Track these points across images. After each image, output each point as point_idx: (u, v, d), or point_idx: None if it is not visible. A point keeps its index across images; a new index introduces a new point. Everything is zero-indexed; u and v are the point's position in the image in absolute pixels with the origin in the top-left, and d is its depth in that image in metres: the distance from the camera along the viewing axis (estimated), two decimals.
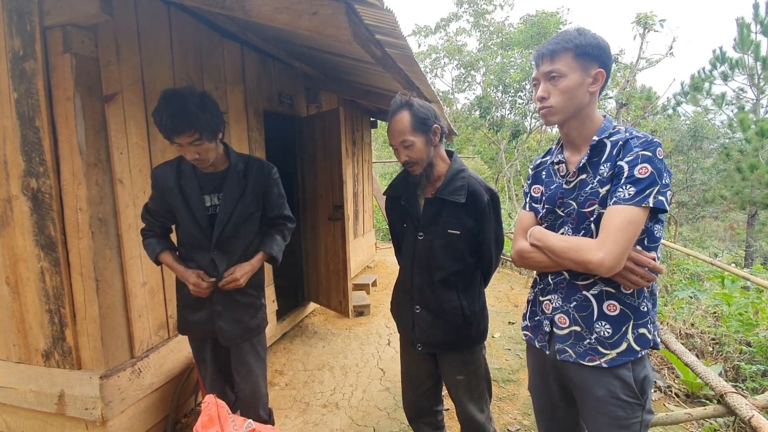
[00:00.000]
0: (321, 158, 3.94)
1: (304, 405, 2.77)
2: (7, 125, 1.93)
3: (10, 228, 2.01)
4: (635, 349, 1.20)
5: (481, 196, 1.61)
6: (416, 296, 1.69)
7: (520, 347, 3.67)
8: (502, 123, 11.37)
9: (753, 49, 9.56)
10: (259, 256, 1.82)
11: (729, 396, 1.86)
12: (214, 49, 2.82)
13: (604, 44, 1.21)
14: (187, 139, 1.55)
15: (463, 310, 1.65)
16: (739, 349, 3.32)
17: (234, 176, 1.73)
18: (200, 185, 1.71)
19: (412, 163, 1.61)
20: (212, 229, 1.71)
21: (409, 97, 1.61)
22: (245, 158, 1.81)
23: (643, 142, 1.15)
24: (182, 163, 1.73)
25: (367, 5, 1.59)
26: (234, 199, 1.72)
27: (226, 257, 1.75)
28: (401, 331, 1.83)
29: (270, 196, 1.84)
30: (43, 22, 1.82)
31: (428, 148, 1.60)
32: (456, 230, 1.61)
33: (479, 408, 1.73)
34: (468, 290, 1.69)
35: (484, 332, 1.74)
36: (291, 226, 1.96)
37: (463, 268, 1.66)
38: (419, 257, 1.67)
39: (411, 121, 1.57)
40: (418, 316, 1.70)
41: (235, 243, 1.76)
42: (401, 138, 1.58)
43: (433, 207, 1.64)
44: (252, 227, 1.81)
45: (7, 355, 2.15)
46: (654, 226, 1.19)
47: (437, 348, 1.72)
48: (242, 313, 1.80)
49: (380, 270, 6.40)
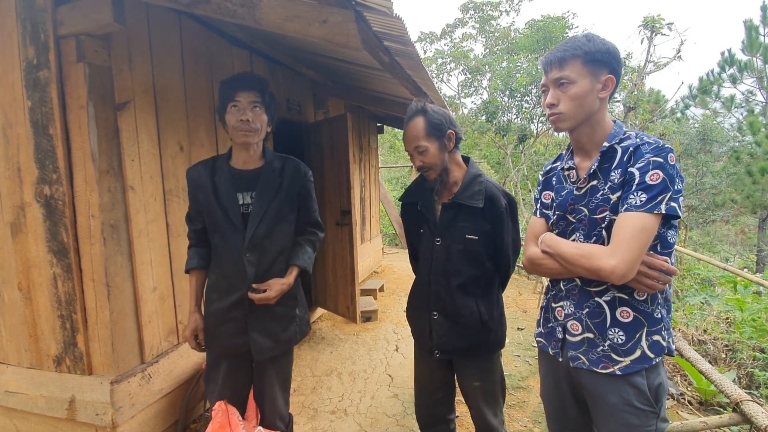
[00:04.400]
0: (328, 163, 3.95)
1: (312, 411, 2.76)
2: (21, 133, 1.96)
3: (24, 234, 2.04)
4: (649, 356, 1.18)
5: (499, 200, 1.61)
6: (433, 302, 1.68)
7: (530, 353, 3.64)
8: (509, 127, 11.34)
9: (762, 51, 9.47)
10: (294, 272, 1.72)
11: (745, 404, 1.83)
12: (223, 57, 2.85)
13: (614, 50, 1.21)
14: (250, 97, 1.56)
15: (482, 316, 1.64)
16: (752, 356, 3.27)
17: (269, 174, 1.68)
18: (234, 183, 1.65)
19: (426, 168, 1.61)
20: (245, 228, 1.63)
21: (424, 103, 1.61)
22: (282, 157, 1.77)
23: (654, 148, 1.14)
24: (217, 161, 1.70)
25: (376, 12, 1.60)
26: (268, 197, 1.66)
27: (258, 260, 1.64)
28: (417, 338, 1.81)
29: (305, 199, 1.78)
30: (57, 31, 1.85)
31: (442, 153, 1.60)
32: (474, 235, 1.60)
33: (494, 413, 1.73)
34: (486, 296, 1.67)
35: (502, 339, 1.73)
36: (321, 236, 1.87)
37: (481, 274, 1.65)
38: (437, 263, 1.66)
39: (425, 127, 1.57)
40: (435, 323, 1.68)
41: (269, 245, 1.66)
42: (415, 143, 1.59)
43: (450, 212, 1.64)
44: (287, 229, 1.73)
45: (19, 361, 2.17)
46: (667, 231, 1.17)
47: (455, 354, 1.70)
48: (274, 325, 1.70)
49: (387, 275, 6.39)
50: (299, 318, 1.80)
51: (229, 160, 1.70)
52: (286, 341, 1.74)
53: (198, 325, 1.71)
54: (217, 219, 1.64)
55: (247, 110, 1.57)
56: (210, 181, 1.65)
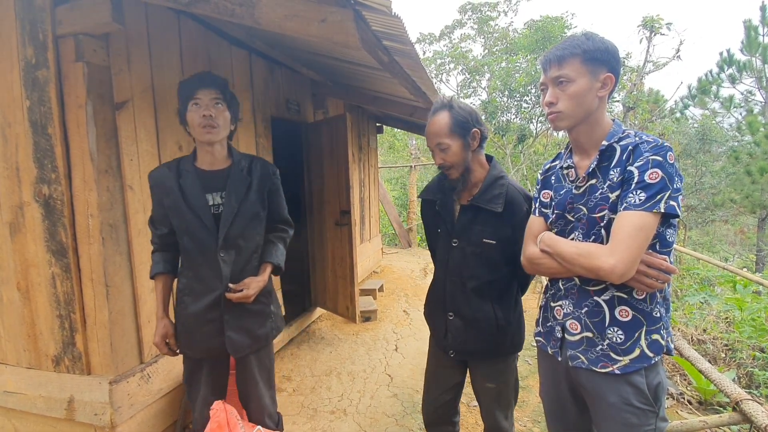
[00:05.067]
0: (328, 163, 3.95)
1: (311, 411, 2.76)
2: (20, 132, 1.96)
3: (22, 234, 2.03)
4: (648, 355, 1.18)
5: (521, 205, 1.55)
6: (449, 303, 1.66)
7: (529, 353, 3.63)
8: (508, 127, 11.35)
9: (761, 51, 9.48)
10: (267, 269, 1.75)
11: (745, 403, 1.83)
12: (222, 57, 2.85)
13: (613, 48, 1.21)
14: (212, 94, 1.56)
15: (498, 321, 1.59)
16: (752, 355, 3.27)
17: (238, 173, 1.67)
18: (202, 184, 1.64)
19: (447, 166, 1.55)
20: (218, 228, 1.62)
21: (451, 98, 1.56)
22: (248, 157, 1.77)
23: (653, 147, 1.14)
24: (181, 163, 1.67)
25: (375, 11, 1.60)
26: (239, 196, 1.65)
27: (234, 259, 1.65)
28: (434, 336, 1.79)
29: (274, 197, 1.79)
30: (56, 31, 1.85)
31: (465, 152, 1.53)
32: (492, 239, 1.54)
33: (504, 415, 1.72)
34: (503, 300, 1.63)
35: (519, 343, 1.69)
36: (291, 233, 1.89)
37: (497, 278, 1.60)
38: (452, 264, 1.62)
39: (449, 123, 1.51)
40: (451, 324, 1.66)
41: (243, 243, 1.67)
42: (437, 140, 1.53)
43: (467, 214, 1.59)
44: (260, 228, 1.75)
45: (18, 361, 2.17)
46: (666, 230, 1.17)
47: (469, 356, 1.69)
48: (251, 322, 1.72)
49: (387, 275, 6.39)
50: (274, 314, 1.82)
51: (195, 161, 1.67)
52: (264, 337, 1.76)
53: (168, 331, 1.69)
54: (187, 221, 1.62)
55: (210, 107, 1.57)
56: (176, 183, 1.62)
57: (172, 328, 1.70)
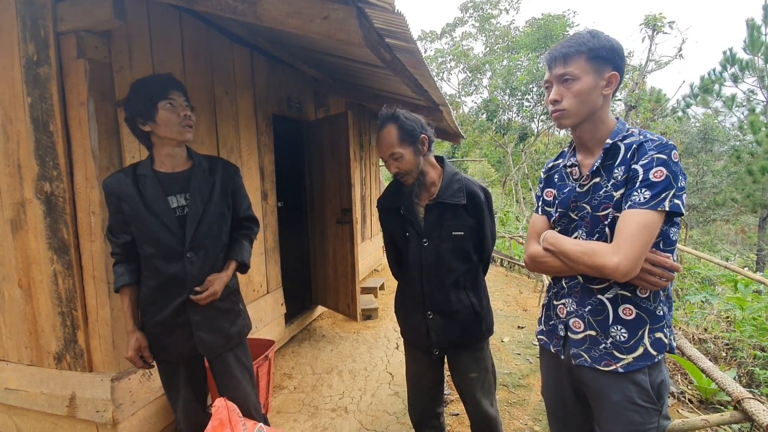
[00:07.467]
0: (329, 162, 3.95)
1: (312, 409, 2.76)
2: (21, 129, 1.95)
3: (24, 231, 2.03)
4: (652, 353, 1.18)
5: (478, 195, 1.68)
6: (428, 302, 1.71)
7: (530, 352, 3.64)
8: (509, 126, 11.34)
9: (763, 50, 9.45)
10: (232, 266, 1.74)
11: (746, 402, 1.82)
12: (224, 54, 2.84)
13: (618, 46, 1.20)
14: (183, 97, 1.57)
15: (474, 308, 1.71)
16: (753, 355, 3.27)
17: (200, 174, 1.66)
18: (163, 187, 1.60)
19: (403, 173, 1.65)
20: (183, 230, 1.60)
21: (395, 109, 1.65)
22: (209, 157, 1.76)
23: (657, 145, 1.13)
24: (138, 168, 1.62)
25: (377, 9, 1.59)
26: (204, 196, 1.64)
27: (202, 259, 1.64)
28: (412, 339, 1.83)
29: (237, 195, 1.79)
30: (57, 27, 1.84)
31: (417, 158, 1.64)
32: (460, 231, 1.66)
33: (490, 402, 1.79)
34: (475, 287, 1.74)
35: (491, 326, 1.80)
36: (257, 231, 1.90)
37: (470, 267, 1.71)
38: (427, 263, 1.69)
39: (398, 134, 1.61)
40: (432, 322, 1.71)
41: (211, 244, 1.66)
42: (390, 151, 1.62)
43: (434, 212, 1.68)
44: (225, 227, 1.74)
45: (19, 358, 2.17)
46: (669, 229, 1.17)
47: (453, 349, 1.75)
48: (221, 321, 1.70)
49: (387, 273, 6.39)
50: (243, 312, 1.83)
51: (153, 165, 1.63)
52: (236, 335, 1.76)
53: (141, 344, 1.63)
54: (149, 226, 1.58)
55: (185, 108, 1.58)
56: (134, 188, 1.58)
57: (145, 341, 1.64)
